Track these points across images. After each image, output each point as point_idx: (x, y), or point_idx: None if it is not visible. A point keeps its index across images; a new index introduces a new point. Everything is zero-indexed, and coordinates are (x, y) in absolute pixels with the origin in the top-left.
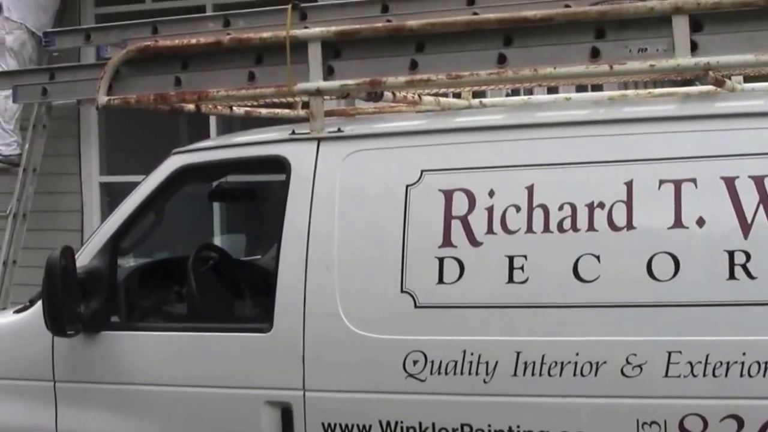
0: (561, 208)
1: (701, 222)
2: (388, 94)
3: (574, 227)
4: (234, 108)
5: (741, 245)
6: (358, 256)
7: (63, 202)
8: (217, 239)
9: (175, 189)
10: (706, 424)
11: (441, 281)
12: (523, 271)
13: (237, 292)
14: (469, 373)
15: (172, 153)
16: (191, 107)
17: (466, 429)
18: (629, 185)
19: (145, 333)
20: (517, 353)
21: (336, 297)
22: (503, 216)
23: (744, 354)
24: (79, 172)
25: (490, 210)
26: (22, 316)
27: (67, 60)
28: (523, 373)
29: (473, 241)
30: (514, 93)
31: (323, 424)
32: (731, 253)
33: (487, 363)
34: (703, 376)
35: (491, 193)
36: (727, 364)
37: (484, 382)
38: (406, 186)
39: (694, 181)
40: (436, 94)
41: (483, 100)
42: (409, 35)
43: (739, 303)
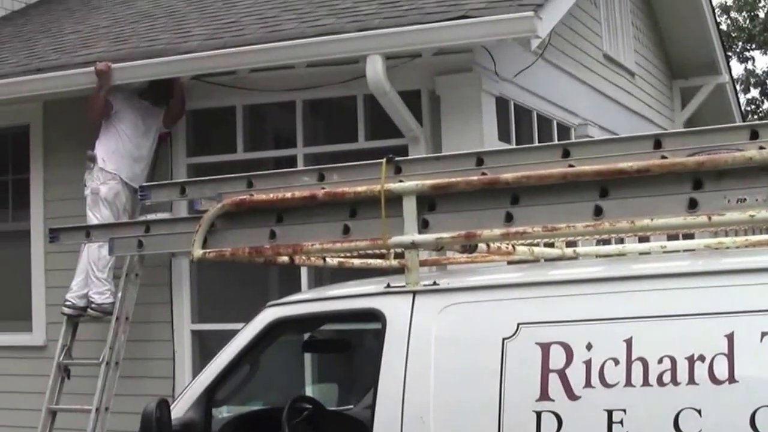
0: (660, 361)
1: None
2: (482, 245)
3: (674, 381)
4: (327, 258)
5: None
6: (455, 410)
7: (155, 349)
8: (309, 389)
9: (270, 341)
10: None
11: None
12: (622, 426)
13: None
14: None
15: (267, 305)
16: (285, 259)
17: None
18: (730, 338)
19: None
20: None
21: None
22: (602, 369)
23: None
24: (171, 320)
25: (588, 363)
26: None
27: (159, 209)
28: None
29: (571, 395)
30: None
31: None
32: None
33: None
34: None
35: (589, 346)
36: None
37: None
38: (503, 339)
39: None
40: (530, 244)
41: (576, 249)
42: (505, 188)
43: None
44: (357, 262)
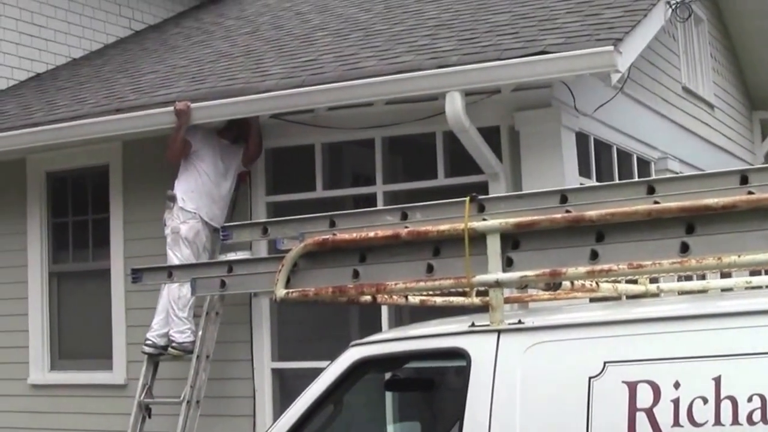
0: (750, 400)
1: None
2: (565, 282)
3: (764, 419)
4: (408, 297)
5: None
6: None
7: (235, 388)
8: (390, 428)
9: (354, 381)
10: None
11: None
12: None
13: None
14: None
15: (351, 345)
16: (368, 298)
17: None
18: None
19: None
20: None
21: None
22: (690, 408)
23: None
24: (251, 358)
25: (676, 402)
26: None
27: (239, 248)
28: None
29: None
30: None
31: None
32: None
33: None
34: None
35: (677, 385)
36: None
37: None
38: (589, 378)
39: None
40: (614, 281)
41: (660, 285)
42: (589, 225)
43: None
44: (439, 301)
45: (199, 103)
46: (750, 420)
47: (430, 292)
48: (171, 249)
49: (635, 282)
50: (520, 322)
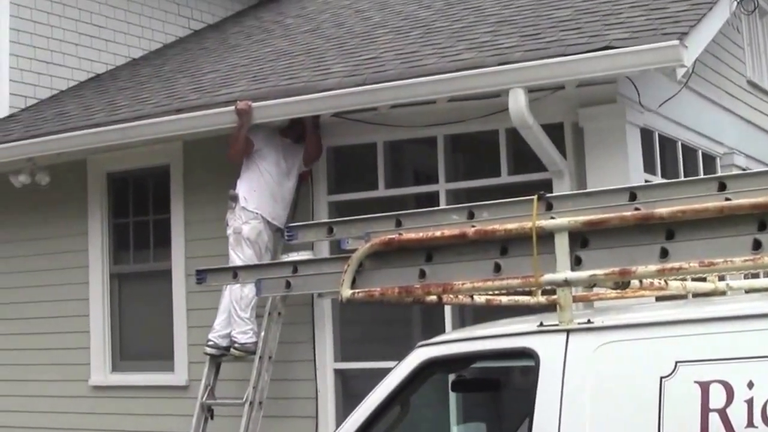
0: None
1: None
2: (633, 281)
3: None
4: (474, 296)
5: None
6: None
7: (298, 388)
8: (455, 429)
9: (421, 381)
10: None
11: None
12: None
13: None
14: None
15: (418, 345)
16: (433, 298)
17: None
18: None
19: None
20: None
21: None
22: (764, 408)
23: None
24: (314, 359)
25: (750, 402)
26: None
27: (301, 248)
28: None
29: None
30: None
31: None
32: None
33: None
34: None
35: (750, 385)
36: None
37: None
38: (660, 378)
39: None
40: (682, 279)
41: (729, 283)
42: (659, 223)
43: None
44: (505, 300)
45: (261, 102)
46: None
47: (496, 292)
48: (233, 249)
49: (704, 280)
50: (589, 322)
